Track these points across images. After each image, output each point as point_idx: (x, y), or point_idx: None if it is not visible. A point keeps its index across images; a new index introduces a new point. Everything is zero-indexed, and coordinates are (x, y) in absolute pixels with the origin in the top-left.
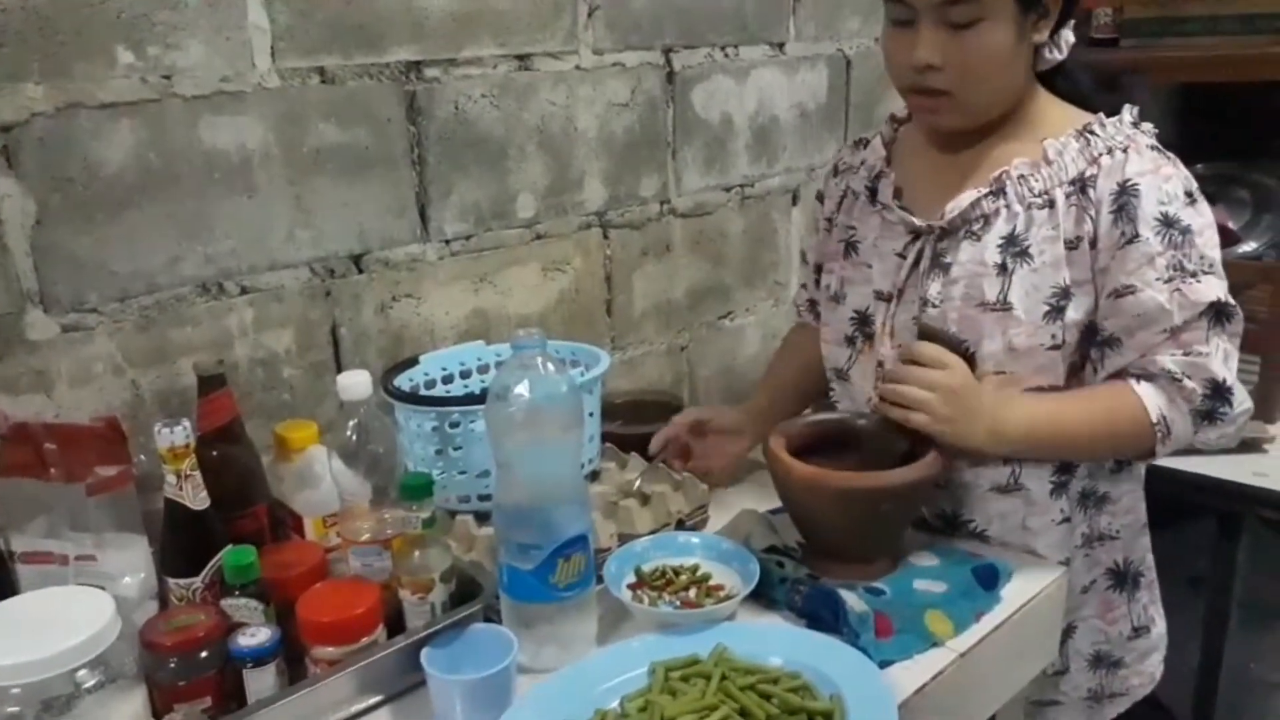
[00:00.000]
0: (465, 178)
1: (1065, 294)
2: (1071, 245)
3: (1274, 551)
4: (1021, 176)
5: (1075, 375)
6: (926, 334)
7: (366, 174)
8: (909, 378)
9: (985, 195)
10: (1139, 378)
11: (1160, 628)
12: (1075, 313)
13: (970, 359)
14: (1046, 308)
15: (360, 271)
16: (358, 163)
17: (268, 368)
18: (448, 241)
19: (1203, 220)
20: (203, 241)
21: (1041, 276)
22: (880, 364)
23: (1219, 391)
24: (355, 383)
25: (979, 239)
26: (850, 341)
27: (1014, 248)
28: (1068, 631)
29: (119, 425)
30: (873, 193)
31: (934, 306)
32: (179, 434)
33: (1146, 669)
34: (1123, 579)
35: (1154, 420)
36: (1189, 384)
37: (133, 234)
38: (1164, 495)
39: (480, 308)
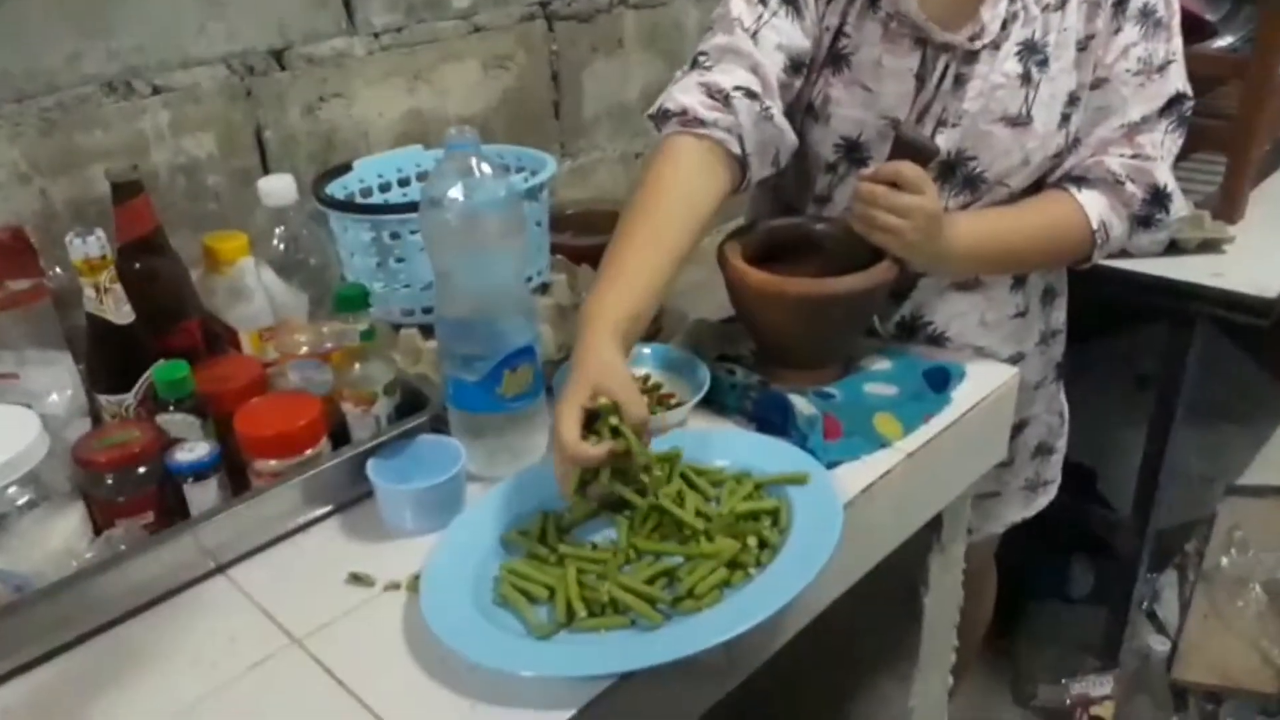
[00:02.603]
0: None
1: (1073, 100)
2: (1081, 46)
3: (1224, 352)
4: None
5: None
6: (902, 142)
7: None
8: (887, 202)
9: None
10: (1079, 183)
11: (1067, 408)
12: (1078, 118)
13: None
14: (1060, 117)
15: (283, 68)
16: None
17: (190, 175)
18: (376, 35)
19: (1174, 8)
20: (103, 36)
21: (1058, 84)
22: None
23: (1159, 197)
24: (278, 187)
25: (997, 48)
26: (831, 168)
27: (1035, 55)
28: (1018, 427)
29: (24, 235)
30: None
31: (953, 126)
32: (93, 244)
33: (1063, 449)
34: (1059, 370)
35: (1094, 227)
36: (1130, 188)
37: (20, 28)
38: (1114, 296)
39: (416, 109)
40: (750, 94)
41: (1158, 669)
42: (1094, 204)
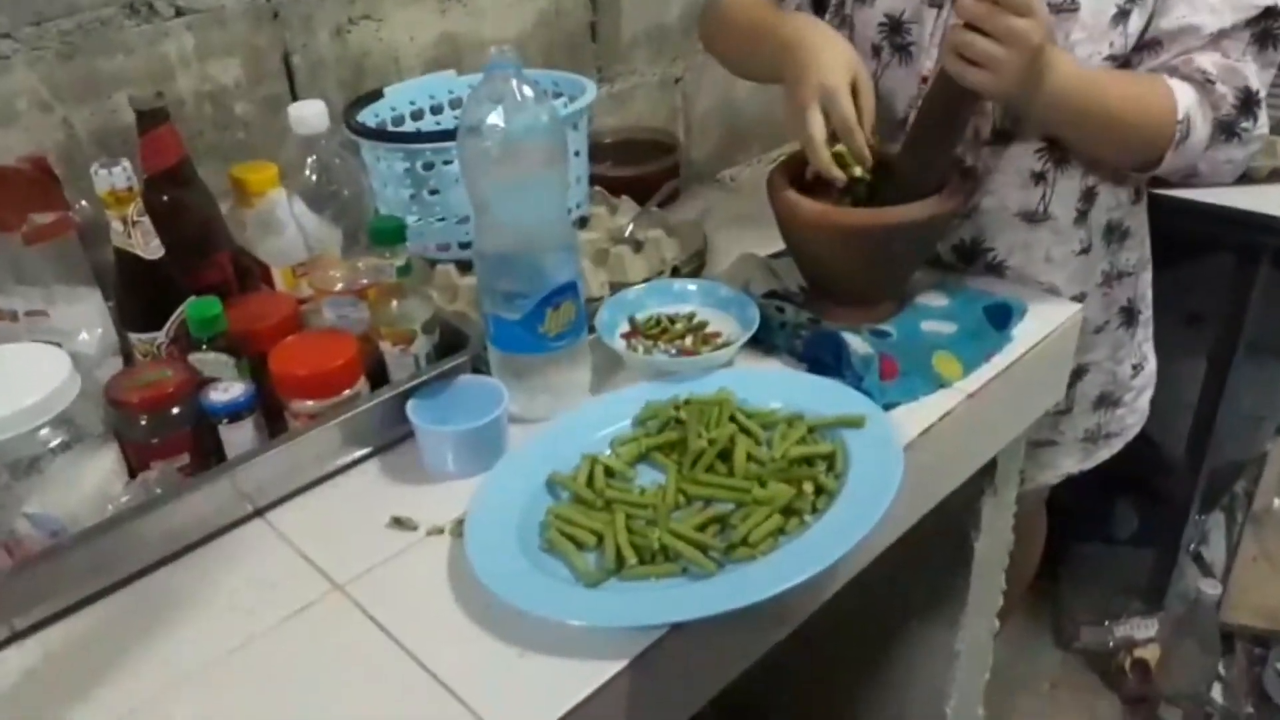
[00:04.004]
0: None
1: None
2: None
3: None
4: None
5: None
6: None
7: None
8: (992, 23)
9: None
10: (1171, 74)
11: (1153, 365)
12: (1139, 19)
13: None
14: (1114, 10)
15: None
16: None
17: (217, 103)
18: None
19: None
20: None
21: None
22: (924, 79)
23: (1249, 102)
24: (309, 114)
25: None
26: (876, 52)
27: None
28: (1077, 373)
29: (48, 165)
30: None
31: None
32: (119, 175)
33: (1140, 406)
34: (1132, 317)
35: (1179, 117)
36: (1221, 88)
37: None
38: (1174, 228)
39: (449, 32)
40: None
41: (1207, 612)
42: (1183, 94)
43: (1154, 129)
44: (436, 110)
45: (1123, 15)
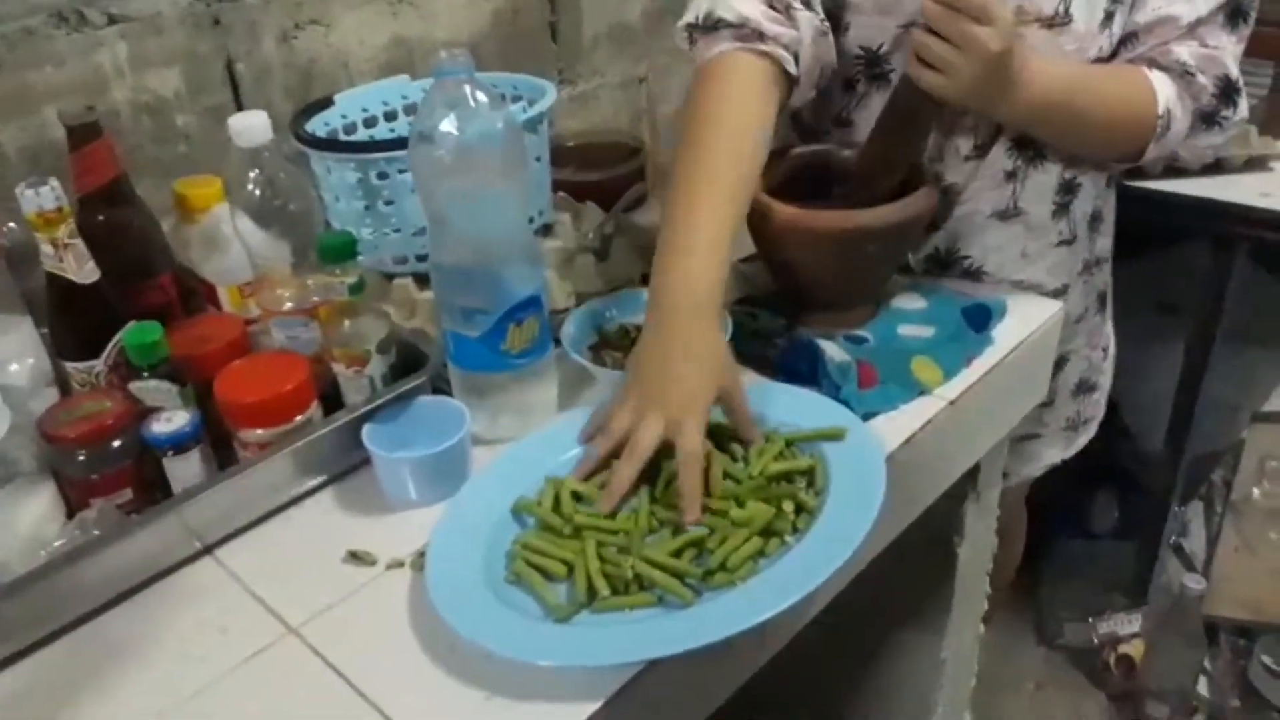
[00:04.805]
0: None
1: None
2: None
3: (1265, 275)
4: None
5: None
6: None
7: None
8: (947, 27)
9: None
10: (1150, 66)
11: (1114, 344)
12: (1122, 16)
13: None
14: (1103, 15)
15: None
16: None
17: (156, 115)
18: None
19: None
20: None
21: None
22: None
23: (1228, 90)
24: (251, 125)
25: None
26: (850, 86)
27: None
28: (1058, 364)
29: None
30: None
31: None
32: (46, 195)
33: (1106, 385)
34: (1103, 302)
35: (1160, 111)
36: (1201, 79)
37: None
38: (1148, 218)
39: (401, 35)
40: (807, 3)
41: (1190, 606)
42: (1163, 87)
43: (1135, 124)
44: (390, 117)
45: (1109, 18)
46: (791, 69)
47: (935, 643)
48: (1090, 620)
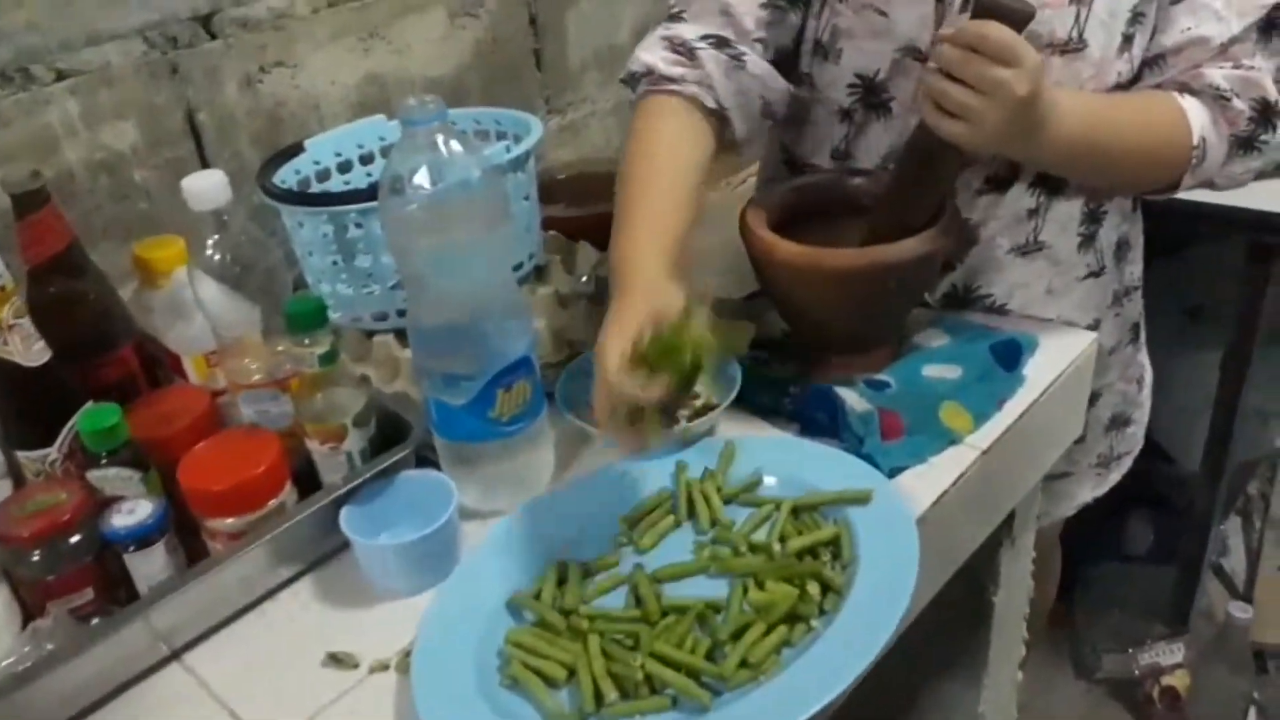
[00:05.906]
0: None
1: (1138, 16)
2: None
3: None
4: None
5: None
6: (987, 6)
7: None
8: (966, 71)
9: None
10: (1182, 91)
11: (1150, 373)
12: (1142, 38)
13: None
14: (1121, 39)
15: (212, 37)
16: None
17: (113, 173)
18: None
19: None
20: None
21: (1118, 1)
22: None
23: (1267, 113)
24: (206, 186)
25: None
26: (847, 116)
27: None
28: (1091, 399)
29: None
30: None
31: None
32: None
33: (1143, 419)
34: (1137, 331)
35: (1194, 141)
36: (1237, 104)
37: None
38: (1169, 228)
39: (375, 72)
40: (720, 41)
41: (1235, 634)
42: (1197, 114)
43: (1170, 156)
44: (366, 160)
45: (1127, 42)
46: (709, 103)
47: (973, 696)
48: (1130, 651)
